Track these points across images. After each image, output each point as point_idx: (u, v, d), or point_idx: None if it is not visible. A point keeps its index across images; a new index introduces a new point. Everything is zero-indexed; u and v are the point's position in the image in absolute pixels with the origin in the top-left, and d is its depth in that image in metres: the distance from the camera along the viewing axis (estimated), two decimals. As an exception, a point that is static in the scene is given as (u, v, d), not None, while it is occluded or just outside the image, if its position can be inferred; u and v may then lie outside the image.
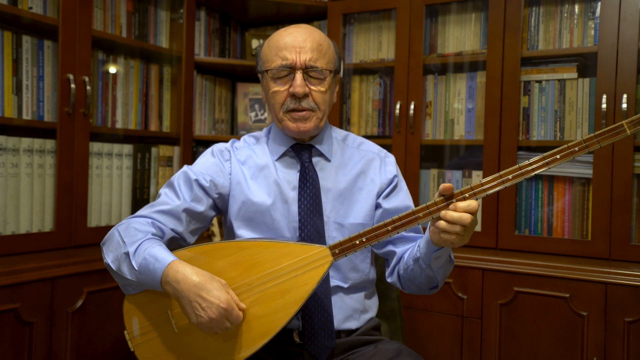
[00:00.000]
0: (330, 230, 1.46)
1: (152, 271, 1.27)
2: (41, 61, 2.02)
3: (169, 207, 1.42)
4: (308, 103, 1.43)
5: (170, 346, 1.35)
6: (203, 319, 1.22)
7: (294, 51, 1.41)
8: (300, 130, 1.44)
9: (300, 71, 1.41)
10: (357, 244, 1.27)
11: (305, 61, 1.41)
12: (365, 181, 1.51)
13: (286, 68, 1.42)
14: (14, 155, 1.93)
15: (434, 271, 1.35)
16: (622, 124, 1.13)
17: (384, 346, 1.43)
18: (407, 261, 1.41)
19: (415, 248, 1.39)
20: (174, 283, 1.24)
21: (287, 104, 1.44)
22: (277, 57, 1.42)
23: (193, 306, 1.22)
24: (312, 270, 1.28)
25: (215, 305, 1.21)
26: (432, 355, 2.19)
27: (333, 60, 1.48)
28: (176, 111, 2.54)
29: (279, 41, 1.44)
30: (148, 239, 1.33)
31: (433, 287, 1.44)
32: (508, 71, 2.24)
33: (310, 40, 1.43)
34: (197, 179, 1.46)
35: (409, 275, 1.42)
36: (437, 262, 1.34)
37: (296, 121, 1.44)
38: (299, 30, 1.45)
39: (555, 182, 2.22)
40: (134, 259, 1.30)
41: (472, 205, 1.18)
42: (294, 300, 1.27)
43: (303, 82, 1.41)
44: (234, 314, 1.23)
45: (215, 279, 1.25)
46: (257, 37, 2.87)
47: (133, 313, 1.38)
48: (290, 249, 1.29)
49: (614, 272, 1.93)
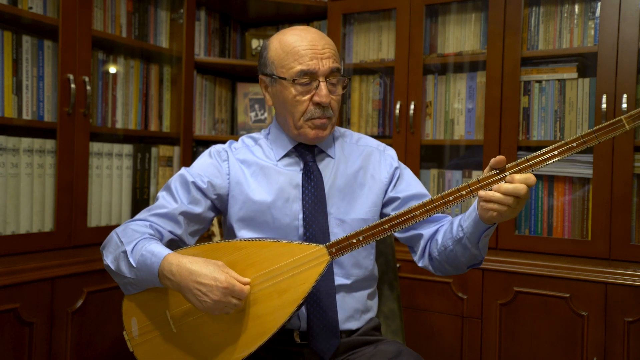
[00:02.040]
0: (332, 226, 1.45)
1: (150, 266, 1.27)
2: (41, 61, 2.02)
3: (166, 211, 1.43)
4: (329, 111, 1.43)
5: (169, 346, 1.35)
6: (208, 303, 1.22)
7: (315, 57, 1.38)
8: (319, 137, 1.44)
9: (324, 79, 1.39)
10: (354, 243, 1.26)
11: (329, 67, 1.39)
12: (366, 177, 1.51)
13: (308, 74, 1.39)
14: (14, 155, 1.93)
15: (479, 249, 1.33)
16: (621, 119, 1.13)
17: (384, 346, 1.43)
18: (445, 243, 1.38)
19: (454, 229, 1.35)
20: (170, 275, 1.25)
21: (310, 113, 1.41)
22: (297, 63, 1.39)
23: (195, 294, 1.23)
24: (310, 270, 1.27)
25: (215, 286, 1.21)
26: (432, 355, 2.19)
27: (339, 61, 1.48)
28: (176, 111, 2.54)
29: (295, 45, 1.40)
30: (145, 238, 1.34)
31: (474, 264, 1.41)
32: (508, 71, 2.24)
33: (327, 44, 1.41)
34: (194, 181, 1.45)
35: (447, 256, 1.38)
36: (484, 240, 1.31)
37: (316, 128, 1.43)
38: (312, 35, 1.42)
39: (555, 182, 2.22)
40: (131, 256, 1.30)
41: (531, 179, 1.16)
42: (291, 300, 1.27)
43: (327, 91, 1.40)
44: (236, 289, 1.22)
45: (210, 262, 1.25)
46: (257, 37, 2.87)
47: (132, 313, 1.38)
48: (287, 249, 1.29)
49: (614, 272, 1.93)
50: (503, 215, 1.19)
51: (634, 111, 1.13)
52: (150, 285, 1.32)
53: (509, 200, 1.16)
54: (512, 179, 1.16)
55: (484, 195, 1.18)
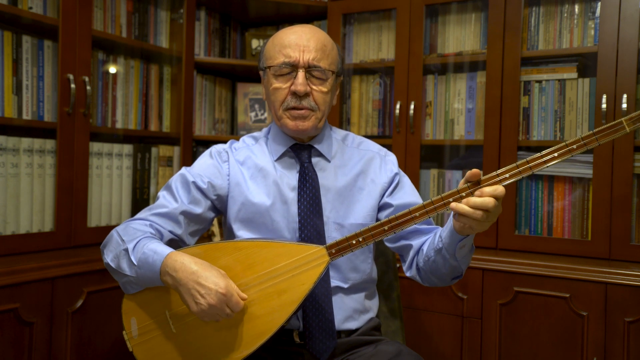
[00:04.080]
0: (330, 230, 1.46)
1: (151, 264, 1.28)
2: (41, 61, 2.02)
3: (166, 210, 1.43)
4: (309, 102, 1.43)
5: (168, 346, 1.35)
6: (203, 306, 1.22)
7: (298, 49, 1.41)
8: (299, 129, 1.44)
9: (303, 70, 1.41)
10: (353, 244, 1.27)
11: (309, 60, 1.41)
12: (366, 181, 1.51)
13: (288, 65, 1.42)
14: (14, 155, 1.93)
15: (458, 260, 1.34)
16: (622, 121, 1.13)
17: (384, 347, 1.43)
18: (428, 253, 1.39)
19: (435, 239, 1.36)
20: (172, 272, 1.25)
21: (287, 102, 1.43)
22: (280, 54, 1.42)
23: (192, 294, 1.23)
24: (309, 270, 1.27)
25: (214, 291, 1.21)
26: (432, 355, 2.19)
27: (336, 62, 1.48)
28: (176, 111, 2.54)
29: (283, 39, 1.44)
30: (147, 237, 1.35)
31: (456, 276, 1.41)
32: (508, 71, 2.24)
33: (314, 39, 1.43)
34: (194, 181, 1.46)
35: (430, 267, 1.39)
36: (461, 251, 1.32)
37: (295, 119, 1.43)
38: (303, 30, 1.45)
39: (555, 182, 2.22)
40: (133, 254, 1.31)
41: (499, 190, 1.16)
42: (291, 300, 1.27)
43: (305, 80, 1.41)
44: (233, 299, 1.23)
45: (213, 268, 1.26)
46: (257, 37, 2.87)
47: (132, 313, 1.38)
48: (287, 249, 1.29)
49: (614, 272, 1.93)
50: (473, 229, 1.20)
51: (635, 113, 1.13)
52: (150, 283, 1.32)
53: (477, 215, 1.16)
54: (482, 193, 1.16)
55: (455, 208, 1.18)
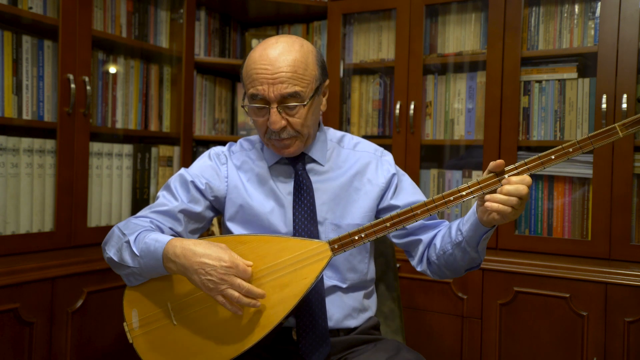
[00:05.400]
0: (327, 231, 1.46)
1: (153, 252, 1.29)
2: (41, 61, 2.02)
3: (166, 208, 1.44)
4: (288, 133, 1.39)
5: (168, 338, 1.35)
6: (212, 283, 1.22)
7: (267, 82, 1.34)
8: (284, 154, 1.44)
9: (275, 105, 1.35)
10: (355, 240, 1.28)
11: (280, 92, 1.34)
12: (362, 182, 1.51)
13: (259, 99, 1.37)
14: (14, 155, 1.93)
15: (479, 252, 1.35)
16: (615, 127, 1.17)
17: (383, 345, 1.43)
18: (443, 247, 1.40)
19: (452, 233, 1.37)
20: (174, 258, 1.26)
21: (268, 133, 1.41)
22: (251, 85, 1.38)
23: (199, 273, 1.24)
24: (311, 265, 1.28)
25: (219, 266, 1.22)
26: (432, 356, 2.19)
27: (314, 77, 1.40)
28: (176, 111, 2.54)
29: (252, 67, 1.37)
30: (147, 230, 1.37)
31: (472, 267, 1.43)
32: (508, 71, 2.24)
33: (285, 62, 1.35)
34: (193, 180, 1.47)
35: (446, 260, 1.40)
36: (484, 243, 1.34)
37: (280, 148, 1.43)
38: (272, 54, 1.36)
39: (555, 182, 2.22)
40: (134, 245, 1.32)
41: (527, 179, 1.20)
42: (292, 294, 1.27)
43: (278, 116, 1.36)
44: (240, 268, 1.23)
45: (213, 244, 1.26)
46: (257, 37, 2.87)
47: (133, 305, 1.39)
48: (289, 244, 1.31)
49: (614, 272, 1.93)
50: (506, 217, 1.22)
51: (628, 119, 1.17)
52: (153, 273, 1.33)
53: (512, 201, 1.19)
54: (510, 181, 1.20)
55: (490, 198, 1.21)
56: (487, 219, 1.25)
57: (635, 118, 1.16)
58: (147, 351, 1.37)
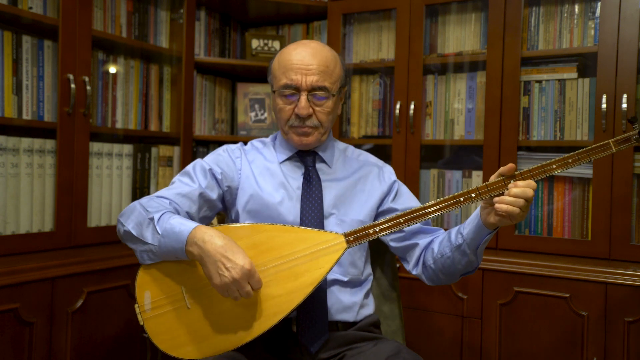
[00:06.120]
0: (332, 225, 1.52)
1: (178, 233, 1.31)
2: (41, 61, 2.02)
3: (187, 190, 1.49)
4: (312, 122, 1.51)
5: (180, 322, 1.36)
6: (226, 278, 1.25)
7: (300, 72, 1.47)
8: (303, 143, 1.53)
9: (305, 93, 1.48)
10: (370, 233, 1.35)
11: (312, 83, 1.48)
12: (365, 184, 1.60)
13: (292, 88, 1.49)
14: (14, 155, 1.93)
15: (477, 255, 1.42)
16: (609, 142, 1.30)
17: (383, 345, 1.44)
18: (442, 250, 1.46)
19: (452, 237, 1.44)
20: (201, 242, 1.28)
21: (291, 121, 1.52)
22: (284, 76, 1.49)
23: (217, 266, 1.26)
24: (327, 255, 1.34)
25: (240, 266, 1.25)
26: (432, 355, 2.19)
27: (339, 77, 1.54)
28: (176, 111, 2.54)
29: (287, 60, 1.50)
30: (170, 211, 1.40)
31: (468, 272, 1.49)
32: (508, 71, 2.24)
33: (317, 59, 1.49)
34: (211, 168, 1.54)
35: (443, 264, 1.46)
36: (483, 246, 1.41)
37: (300, 135, 1.53)
38: (307, 49, 1.51)
39: (555, 182, 2.22)
40: (158, 224, 1.35)
41: (532, 183, 1.30)
42: (307, 283, 1.32)
43: (307, 104, 1.48)
44: (255, 277, 1.27)
45: (239, 246, 1.30)
46: (257, 37, 2.87)
47: (146, 287, 1.39)
48: (307, 234, 1.36)
49: (614, 272, 1.93)
50: (513, 218, 1.30)
51: (620, 136, 1.31)
52: (170, 255, 1.34)
53: (519, 202, 1.28)
54: (517, 185, 1.30)
55: (499, 200, 1.30)
56: (493, 221, 1.32)
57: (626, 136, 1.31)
58: (159, 333, 1.38)
